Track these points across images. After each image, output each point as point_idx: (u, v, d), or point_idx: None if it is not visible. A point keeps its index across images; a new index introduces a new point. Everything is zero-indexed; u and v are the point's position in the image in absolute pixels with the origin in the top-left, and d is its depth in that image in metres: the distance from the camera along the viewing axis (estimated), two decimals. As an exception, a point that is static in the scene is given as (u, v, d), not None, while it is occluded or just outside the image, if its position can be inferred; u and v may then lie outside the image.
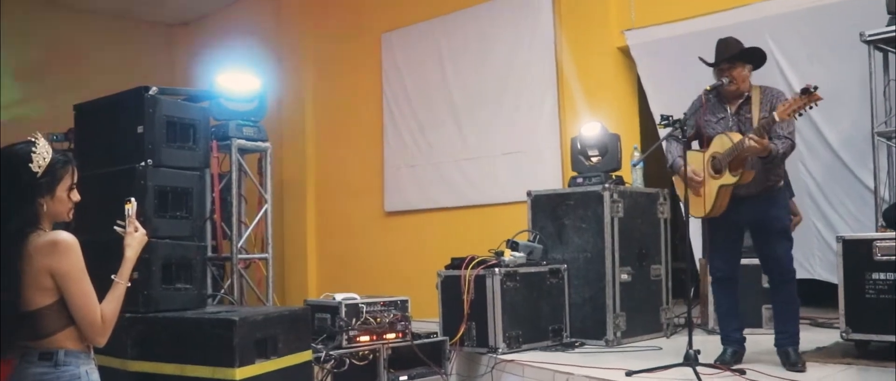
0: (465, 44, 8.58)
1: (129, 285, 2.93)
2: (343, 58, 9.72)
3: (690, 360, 4.27)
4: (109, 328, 2.80)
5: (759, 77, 6.18)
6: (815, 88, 4.25)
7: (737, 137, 4.45)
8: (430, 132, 8.89)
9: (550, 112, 7.85)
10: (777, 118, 4.31)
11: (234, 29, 10.42)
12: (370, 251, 9.30)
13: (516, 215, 6.31)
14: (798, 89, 6.39)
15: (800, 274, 6.84)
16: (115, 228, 3.03)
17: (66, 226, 2.87)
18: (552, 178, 7.31)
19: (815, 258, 6.75)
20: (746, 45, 4.77)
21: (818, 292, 6.69)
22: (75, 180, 2.86)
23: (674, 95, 6.49)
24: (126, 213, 3.03)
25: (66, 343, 2.74)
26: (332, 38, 9.84)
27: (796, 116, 4.36)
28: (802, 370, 4.41)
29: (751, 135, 4.33)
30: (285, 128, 9.99)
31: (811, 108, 4.33)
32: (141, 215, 4.30)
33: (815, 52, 6.53)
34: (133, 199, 3.08)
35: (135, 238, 2.99)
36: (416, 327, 5.86)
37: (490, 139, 8.36)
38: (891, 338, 4.68)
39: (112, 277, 2.85)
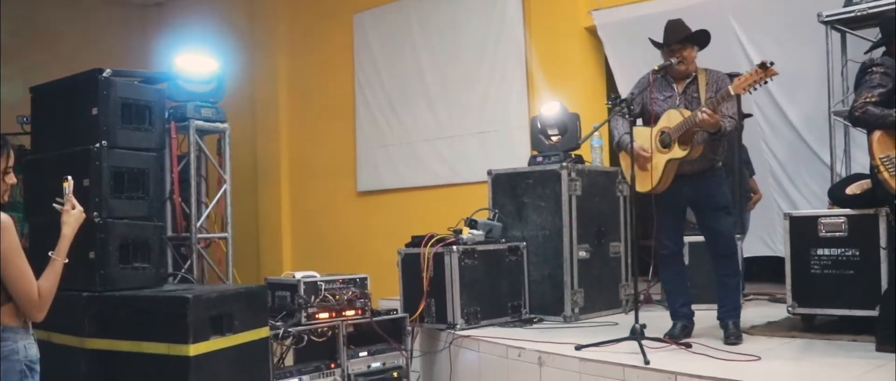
0: (437, 24, 8.65)
1: (67, 261, 2.99)
2: (315, 38, 9.77)
3: (636, 334, 4.36)
4: (47, 303, 2.88)
5: (722, 57, 6.27)
6: (772, 63, 4.31)
7: (687, 112, 4.52)
8: (403, 112, 8.97)
9: (520, 92, 7.94)
10: (732, 92, 4.38)
11: (207, 10, 10.44)
12: (344, 231, 9.40)
13: (486, 194, 6.38)
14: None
15: (762, 251, 7.00)
16: (54, 205, 3.11)
17: (1, 206, 2.94)
18: (522, 157, 7.35)
19: (777, 235, 6.84)
20: (710, 26, 4.83)
21: (778, 269, 6.79)
22: (10, 164, 2.93)
23: (640, 75, 6.56)
24: (64, 191, 3.10)
25: (3, 319, 2.83)
26: (305, 19, 9.88)
27: (751, 90, 4.41)
28: (738, 342, 4.51)
29: (704, 108, 4.41)
30: (259, 109, 10.06)
31: (766, 83, 4.38)
32: (97, 196, 4.41)
33: (777, 33, 6.61)
34: (70, 177, 3.15)
35: (72, 216, 3.08)
36: (387, 304, 5.94)
37: (461, 119, 8.45)
38: (835, 312, 4.81)
39: (50, 253, 2.93)
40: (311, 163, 9.86)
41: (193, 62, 6.24)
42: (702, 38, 4.75)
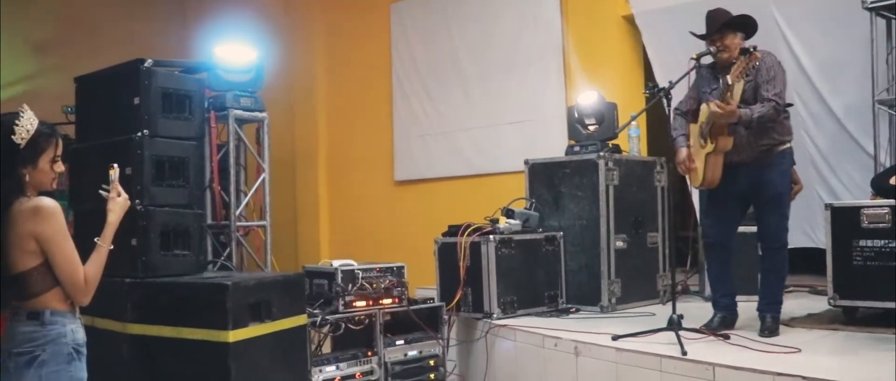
0: (473, 13, 8.63)
1: (112, 247, 3.04)
2: (353, 28, 9.81)
3: (674, 324, 4.34)
4: (92, 288, 2.95)
5: (764, 46, 6.16)
6: (754, 48, 4.29)
7: (713, 105, 4.45)
8: (440, 102, 8.98)
9: (556, 81, 7.90)
10: (730, 81, 4.30)
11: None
12: (381, 220, 9.44)
13: (523, 184, 6.39)
14: (802, 59, 6.49)
15: (804, 243, 6.90)
16: (100, 192, 3.16)
17: (51, 194, 3.00)
18: (558, 146, 7.32)
19: (819, 226, 6.74)
20: (751, 14, 4.74)
21: (820, 261, 6.69)
22: (59, 152, 2.99)
23: (678, 64, 6.46)
24: (110, 178, 3.15)
25: (51, 303, 2.90)
26: (342, 9, 9.93)
27: (745, 76, 4.34)
28: (772, 335, 4.47)
29: (715, 101, 4.35)
30: (297, 98, 10.13)
31: (754, 67, 4.33)
32: (139, 184, 4.48)
33: (820, 20, 6.49)
34: (116, 165, 3.20)
35: (117, 203, 3.13)
36: (423, 293, 5.98)
37: (498, 108, 8.43)
38: (877, 304, 4.73)
39: (95, 239, 2.99)
40: (348, 152, 9.92)
41: (232, 52, 6.30)
42: (744, 24, 4.65)
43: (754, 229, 4.91)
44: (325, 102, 10.12)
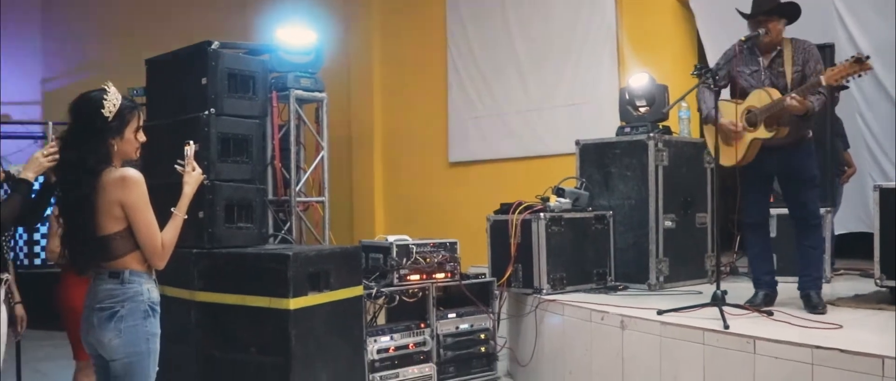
0: (529, -3, 8.74)
1: (187, 217, 3.30)
2: (409, 12, 10.00)
3: (717, 300, 4.43)
4: (168, 253, 3.21)
5: (819, 29, 6.16)
6: (867, 57, 4.27)
7: (776, 94, 4.50)
8: (494, 85, 9.12)
9: (610, 64, 7.98)
10: (823, 83, 4.34)
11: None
12: (434, 201, 9.63)
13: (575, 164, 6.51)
14: (859, 41, 6.46)
15: (857, 227, 6.90)
16: (176, 167, 3.43)
17: (133, 164, 3.26)
18: (611, 128, 7.39)
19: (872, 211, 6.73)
20: None
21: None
22: (141, 123, 3.26)
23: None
24: (185, 154, 3.41)
25: (131, 264, 3.17)
26: (399, -8, 10.12)
27: (844, 81, 4.41)
28: (822, 312, 4.52)
29: (794, 95, 4.39)
30: (353, 81, 10.36)
31: (859, 76, 4.36)
32: (206, 160, 4.73)
33: (877, 2, 6.47)
34: (192, 141, 3.44)
35: (192, 177, 3.41)
36: (476, 271, 6.15)
37: (552, 91, 8.54)
38: (925, 286, 4.76)
39: (172, 209, 3.24)
40: (403, 133, 10.13)
41: (293, 34, 6.52)
42: (790, 11, 4.71)
43: (786, 210, 4.98)
44: (381, 84, 10.34)
